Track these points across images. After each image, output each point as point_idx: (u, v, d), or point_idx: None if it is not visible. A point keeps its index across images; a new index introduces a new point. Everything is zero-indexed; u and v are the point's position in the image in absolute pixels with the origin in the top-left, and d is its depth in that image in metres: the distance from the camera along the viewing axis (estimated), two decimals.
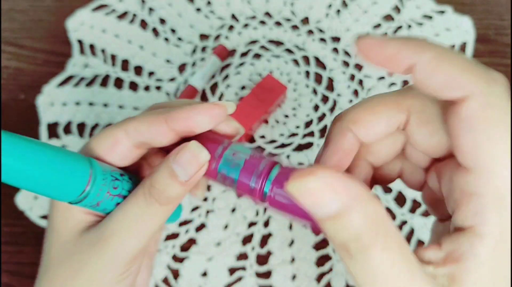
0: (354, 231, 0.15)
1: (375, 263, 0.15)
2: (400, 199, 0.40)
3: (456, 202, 0.17)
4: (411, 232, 0.39)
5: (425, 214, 0.39)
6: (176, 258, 0.38)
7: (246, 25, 0.49)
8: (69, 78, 0.46)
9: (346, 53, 0.48)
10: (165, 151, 0.23)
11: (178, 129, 0.21)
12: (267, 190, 0.20)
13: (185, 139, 0.22)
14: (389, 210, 0.40)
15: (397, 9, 0.50)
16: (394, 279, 0.15)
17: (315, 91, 0.45)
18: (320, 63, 0.47)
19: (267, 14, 0.50)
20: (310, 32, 0.49)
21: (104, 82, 0.46)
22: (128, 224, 0.21)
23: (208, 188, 0.41)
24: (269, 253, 0.39)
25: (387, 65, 0.17)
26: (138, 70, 0.47)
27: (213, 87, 0.46)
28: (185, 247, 0.39)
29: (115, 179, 0.21)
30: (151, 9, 0.50)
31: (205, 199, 0.40)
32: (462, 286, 0.16)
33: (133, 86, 0.46)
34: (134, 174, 0.24)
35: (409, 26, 0.49)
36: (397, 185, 0.41)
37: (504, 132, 0.16)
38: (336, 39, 0.48)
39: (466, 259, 0.16)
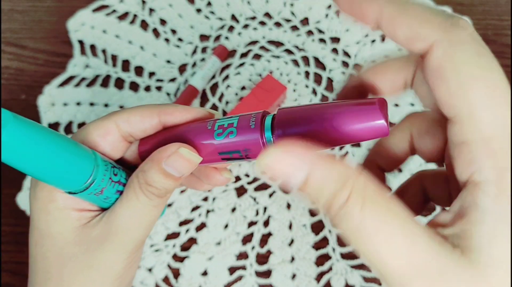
0: (327, 193, 0.16)
1: (357, 221, 0.15)
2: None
3: (453, 158, 0.17)
4: None
5: (425, 214, 0.40)
6: (176, 257, 0.39)
7: (246, 26, 0.49)
8: (70, 78, 0.46)
9: (346, 53, 0.48)
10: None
11: (167, 124, 0.23)
12: (269, 136, 0.20)
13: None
14: None
15: None
16: (379, 235, 0.15)
17: (314, 92, 0.46)
18: (319, 64, 0.47)
19: (267, 14, 0.50)
20: (310, 32, 0.49)
21: (105, 83, 0.46)
22: (134, 218, 0.22)
23: None
24: (269, 253, 0.39)
25: (360, 19, 0.18)
26: (139, 70, 0.47)
27: (213, 88, 0.46)
28: (185, 247, 0.39)
29: (113, 166, 0.22)
30: (151, 10, 0.50)
31: (205, 199, 0.41)
32: (470, 241, 0.15)
33: (134, 86, 0.46)
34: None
35: None
36: (396, 184, 0.41)
37: (475, 73, 0.15)
38: (335, 40, 0.49)
39: (470, 211, 0.15)
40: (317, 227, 0.40)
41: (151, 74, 0.47)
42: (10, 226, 0.40)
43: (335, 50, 0.48)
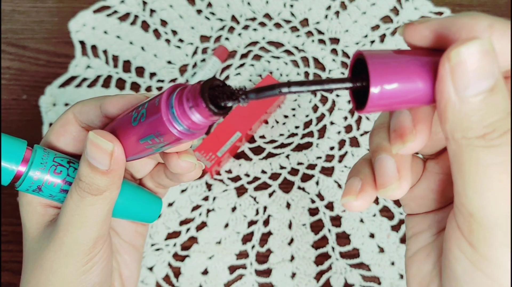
0: (501, 110, 0.15)
1: (500, 158, 0.15)
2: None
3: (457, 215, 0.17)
4: None
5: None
6: (177, 257, 0.39)
7: (246, 27, 0.50)
8: (71, 79, 0.46)
9: (345, 54, 0.48)
10: None
11: (108, 114, 0.22)
12: (173, 113, 0.17)
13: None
14: (387, 209, 0.41)
15: (396, 11, 0.50)
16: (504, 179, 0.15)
17: (314, 92, 0.46)
18: (319, 64, 0.47)
19: (267, 15, 0.50)
20: (310, 33, 0.49)
21: (106, 83, 0.46)
22: (72, 218, 0.21)
23: (209, 187, 0.41)
24: (269, 252, 0.39)
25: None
26: (140, 71, 0.47)
27: None
28: (186, 246, 0.39)
29: (58, 165, 0.22)
30: (152, 11, 0.50)
31: (206, 198, 0.41)
32: None
33: (135, 87, 0.46)
34: None
35: None
36: None
37: None
38: (335, 41, 0.49)
39: None
40: (317, 226, 0.40)
41: (152, 74, 0.47)
42: (11, 225, 0.40)
43: (334, 51, 0.48)
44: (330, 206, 0.41)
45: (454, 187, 0.17)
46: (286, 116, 0.44)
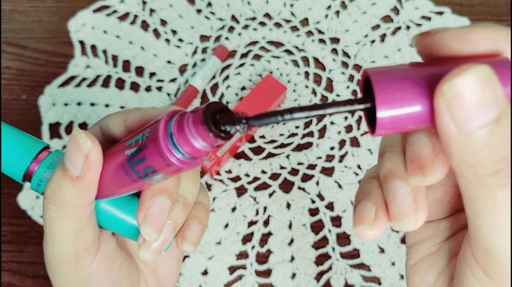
0: (507, 143, 0.13)
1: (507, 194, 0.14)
2: None
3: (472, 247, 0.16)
4: None
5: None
6: None
7: (246, 26, 0.49)
8: (71, 78, 0.46)
9: (345, 54, 0.48)
10: None
11: (131, 129, 0.21)
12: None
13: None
14: None
15: (396, 10, 0.50)
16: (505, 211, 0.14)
17: (314, 92, 0.46)
18: (319, 64, 0.47)
19: (267, 15, 0.50)
20: (310, 33, 0.49)
21: (106, 83, 0.46)
22: (45, 229, 0.20)
23: (209, 187, 0.41)
24: (269, 252, 0.39)
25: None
26: (140, 70, 0.47)
27: (214, 88, 0.46)
28: None
29: None
30: (152, 10, 0.50)
31: None
32: None
33: (135, 87, 0.46)
34: None
35: (408, 27, 0.49)
36: None
37: None
38: (335, 40, 0.49)
39: None
40: (317, 227, 0.40)
41: (152, 74, 0.47)
42: (10, 225, 0.40)
43: (334, 51, 0.48)
44: (330, 206, 0.41)
45: (468, 220, 0.15)
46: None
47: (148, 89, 0.46)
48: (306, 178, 0.42)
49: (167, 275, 0.26)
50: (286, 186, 0.41)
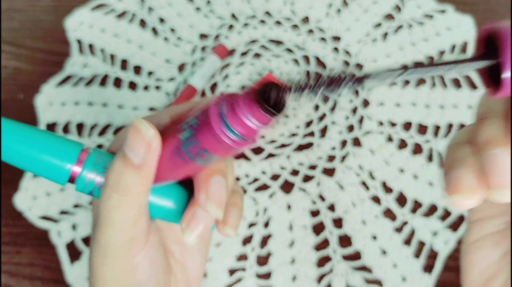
0: None
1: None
2: (401, 200, 0.40)
3: None
4: (412, 233, 0.39)
5: (426, 214, 0.39)
6: None
7: (246, 25, 0.49)
8: (68, 78, 0.46)
9: (347, 52, 0.47)
10: None
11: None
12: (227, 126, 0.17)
13: None
14: (390, 210, 0.40)
15: (398, 8, 0.50)
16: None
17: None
18: (320, 63, 0.47)
19: (267, 13, 0.50)
20: (310, 31, 0.49)
21: (103, 82, 0.46)
22: (100, 217, 0.21)
23: None
24: (269, 254, 0.38)
25: None
26: (138, 70, 0.47)
27: (213, 87, 0.46)
28: None
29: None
30: (150, 9, 0.50)
31: None
32: None
33: (132, 86, 0.46)
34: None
35: (410, 26, 0.49)
36: (398, 185, 0.41)
37: None
38: (336, 39, 0.48)
39: None
40: (318, 228, 0.39)
41: (150, 73, 0.46)
42: (7, 227, 0.40)
43: (336, 49, 0.48)
44: (331, 207, 0.40)
45: None
46: (286, 116, 0.44)
47: (146, 88, 0.46)
48: (306, 178, 0.41)
49: (194, 271, 0.27)
50: (287, 187, 0.41)
